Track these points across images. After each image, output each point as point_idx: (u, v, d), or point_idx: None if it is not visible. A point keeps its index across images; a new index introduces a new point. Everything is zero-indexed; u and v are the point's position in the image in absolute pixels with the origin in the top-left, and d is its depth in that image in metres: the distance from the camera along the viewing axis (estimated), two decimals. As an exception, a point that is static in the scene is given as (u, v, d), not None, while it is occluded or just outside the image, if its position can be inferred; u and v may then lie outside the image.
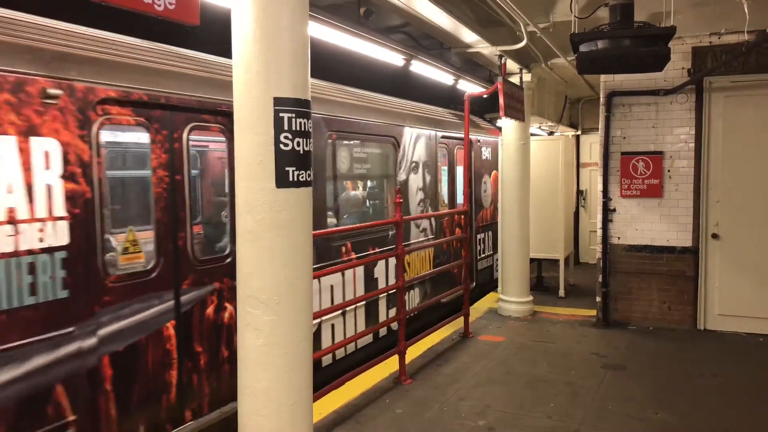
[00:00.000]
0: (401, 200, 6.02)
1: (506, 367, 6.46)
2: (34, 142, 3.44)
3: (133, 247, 4.30)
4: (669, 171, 7.76)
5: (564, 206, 9.99)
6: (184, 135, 4.49)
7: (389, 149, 7.66)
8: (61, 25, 3.91)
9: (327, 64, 6.86)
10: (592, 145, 13.02)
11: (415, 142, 8.03)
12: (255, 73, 3.29)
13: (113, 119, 4.00)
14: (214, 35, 4.78)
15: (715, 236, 7.59)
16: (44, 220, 3.49)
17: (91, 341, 3.80)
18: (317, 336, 5.86)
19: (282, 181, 3.34)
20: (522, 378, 6.13)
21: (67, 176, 3.63)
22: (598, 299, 8.15)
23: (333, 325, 6.23)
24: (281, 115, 3.32)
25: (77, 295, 3.69)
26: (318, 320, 5.85)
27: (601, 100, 8.07)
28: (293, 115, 3.35)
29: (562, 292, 9.89)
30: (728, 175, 7.51)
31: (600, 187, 8.12)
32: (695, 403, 5.47)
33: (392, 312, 7.26)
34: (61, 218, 3.57)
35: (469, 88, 9.23)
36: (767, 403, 5.47)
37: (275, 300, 3.38)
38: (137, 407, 4.15)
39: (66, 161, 3.62)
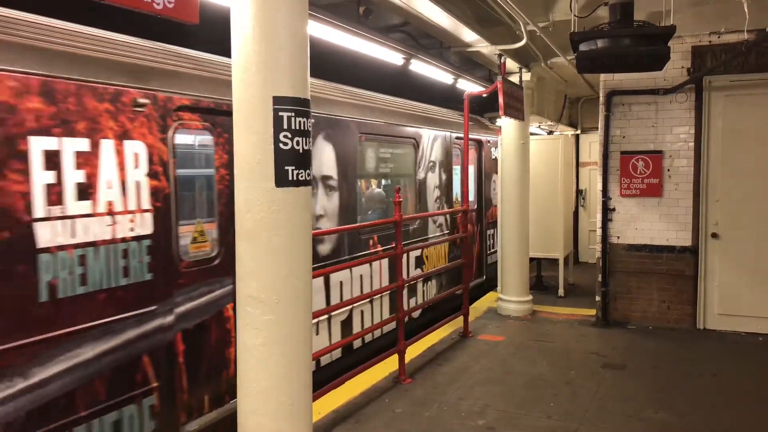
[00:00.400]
0: (401, 200, 6.01)
1: (506, 367, 6.46)
2: (127, 144, 4.00)
3: (200, 237, 4.93)
4: (668, 170, 7.75)
5: (563, 205, 9.98)
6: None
7: (410, 150, 8.20)
8: (147, 43, 4.49)
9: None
10: (591, 145, 13.01)
11: (433, 143, 8.66)
12: (254, 72, 3.28)
13: (185, 124, 4.58)
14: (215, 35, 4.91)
15: (714, 235, 7.58)
16: (134, 212, 4.06)
17: (170, 319, 4.37)
18: (349, 322, 6.61)
19: (281, 180, 3.33)
20: (521, 377, 6.13)
21: (151, 174, 4.19)
22: (598, 299, 8.14)
23: (362, 312, 6.92)
24: (280, 114, 3.31)
25: (159, 278, 4.25)
26: (350, 307, 6.54)
27: (601, 99, 8.06)
28: (292, 114, 3.34)
29: (561, 292, 9.89)
30: (728, 175, 7.51)
31: (599, 186, 8.11)
32: (695, 402, 5.46)
33: (412, 301, 8.08)
34: (146, 210, 4.15)
35: (469, 87, 9.22)
36: (767, 403, 5.47)
37: (274, 300, 3.38)
38: (204, 379, 4.70)
39: (150, 161, 4.18)
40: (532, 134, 9.59)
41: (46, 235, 3.50)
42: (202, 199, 5.25)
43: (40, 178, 3.47)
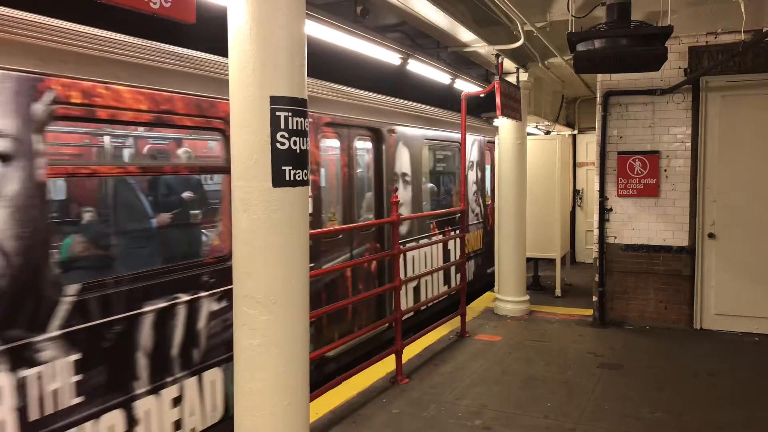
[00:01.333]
0: (398, 199, 6.01)
1: (502, 367, 6.46)
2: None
3: (332, 216, 6.94)
4: (665, 170, 7.77)
5: (560, 206, 9.99)
6: (354, 143, 7.10)
7: (456, 152, 10.08)
8: (312, 80, 5.39)
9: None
10: (588, 145, 13.02)
11: (472, 146, 10.55)
12: (251, 71, 3.27)
13: (326, 135, 6.49)
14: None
15: (711, 236, 7.60)
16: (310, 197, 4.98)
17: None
18: (417, 290, 8.53)
19: (278, 180, 3.32)
20: (518, 377, 6.13)
21: (312, 171, 5.33)
22: (595, 298, 8.15)
23: (427, 282, 8.83)
24: (277, 113, 3.30)
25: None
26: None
27: (598, 99, 8.07)
28: (290, 113, 3.33)
29: (558, 292, 9.89)
30: (724, 175, 7.52)
31: (596, 186, 8.12)
32: (691, 402, 5.47)
33: (457, 278, 9.48)
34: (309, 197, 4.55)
35: (466, 87, 9.22)
36: (762, 402, 5.48)
37: (271, 300, 3.37)
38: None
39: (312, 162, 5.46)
40: (529, 134, 9.60)
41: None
42: (332, 188, 7.19)
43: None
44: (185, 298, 4.49)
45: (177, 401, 4.42)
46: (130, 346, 4.10)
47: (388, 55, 7.02)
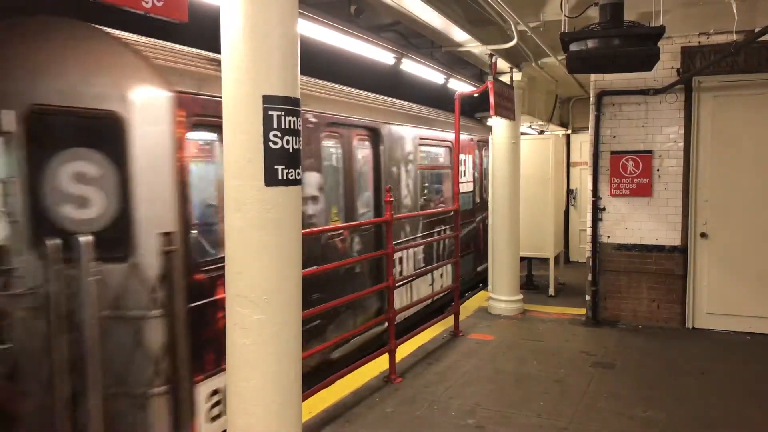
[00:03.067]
0: (392, 199, 6.01)
1: (496, 366, 6.48)
2: None
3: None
4: (658, 170, 7.79)
5: (554, 205, 10.01)
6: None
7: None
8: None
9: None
10: (582, 144, 13.06)
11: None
12: (244, 70, 3.27)
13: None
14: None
15: (703, 235, 7.63)
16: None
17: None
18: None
19: (271, 179, 3.32)
20: (511, 376, 6.15)
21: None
22: (588, 298, 8.18)
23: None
24: (270, 113, 3.29)
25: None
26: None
27: (591, 99, 8.09)
28: (282, 113, 3.33)
29: (551, 291, 9.92)
30: (717, 175, 7.56)
31: (590, 186, 8.15)
32: (683, 400, 5.50)
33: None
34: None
35: (460, 87, 9.24)
36: (753, 400, 5.51)
37: (264, 299, 3.37)
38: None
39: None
40: (523, 134, 9.62)
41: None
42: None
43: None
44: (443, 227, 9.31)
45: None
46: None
47: (382, 55, 7.02)
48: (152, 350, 4.10)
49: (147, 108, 4.16)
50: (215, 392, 4.57)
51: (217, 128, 4.03)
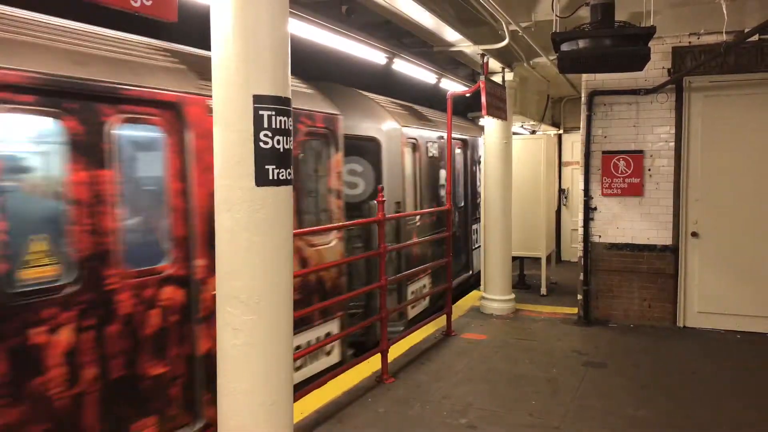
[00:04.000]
0: (384, 199, 6.01)
1: (488, 365, 6.48)
2: None
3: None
4: (649, 170, 7.82)
5: (546, 205, 10.04)
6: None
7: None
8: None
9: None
10: (573, 144, 13.10)
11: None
12: (234, 69, 3.26)
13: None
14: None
15: (694, 234, 7.67)
16: None
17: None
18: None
19: (261, 179, 3.31)
20: (503, 376, 6.16)
21: None
22: (580, 297, 8.20)
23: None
24: (261, 112, 3.28)
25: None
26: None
27: (583, 99, 8.11)
28: (273, 112, 3.32)
29: (543, 290, 9.94)
30: (707, 174, 7.60)
31: (581, 185, 8.17)
32: (674, 399, 5.52)
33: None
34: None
35: (452, 86, 9.25)
36: (743, 399, 5.54)
37: (255, 300, 3.35)
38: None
39: None
40: (514, 134, 9.63)
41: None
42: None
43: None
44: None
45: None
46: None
47: (373, 54, 7.02)
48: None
49: (390, 135, 7.93)
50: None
51: (416, 143, 8.54)
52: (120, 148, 3.91)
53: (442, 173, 9.65)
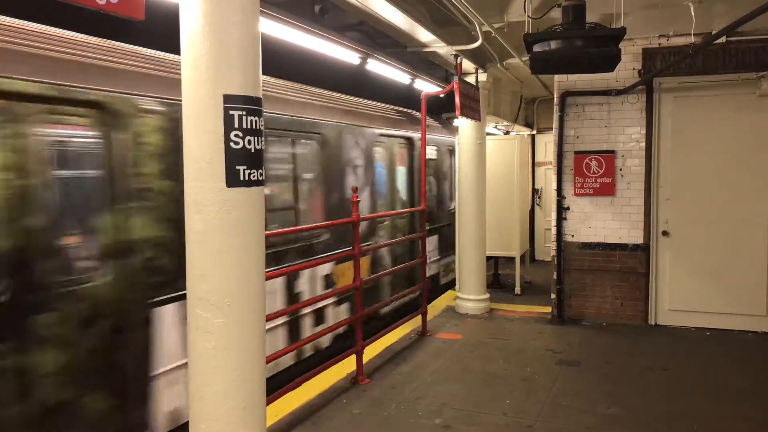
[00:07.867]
0: (358, 199, 5.99)
1: (463, 365, 6.50)
2: None
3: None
4: (621, 170, 7.92)
5: (520, 204, 10.11)
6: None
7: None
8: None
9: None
10: (547, 145, 13.23)
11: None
12: (204, 69, 3.21)
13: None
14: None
15: (665, 233, 7.78)
16: None
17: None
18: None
19: (232, 180, 3.26)
20: (478, 375, 6.18)
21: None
22: (553, 296, 8.27)
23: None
24: (231, 112, 3.24)
25: None
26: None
27: (555, 100, 8.18)
28: (244, 112, 3.28)
29: (518, 290, 10.01)
30: (677, 174, 7.71)
31: (554, 185, 8.24)
32: (645, 396, 5.59)
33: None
34: None
35: (426, 87, 9.26)
36: (713, 395, 5.63)
37: (226, 302, 3.30)
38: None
39: None
40: (488, 134, 9.68)
41: None
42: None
43: None
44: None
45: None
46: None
47: (347, 55, 6.99)
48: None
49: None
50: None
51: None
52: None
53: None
